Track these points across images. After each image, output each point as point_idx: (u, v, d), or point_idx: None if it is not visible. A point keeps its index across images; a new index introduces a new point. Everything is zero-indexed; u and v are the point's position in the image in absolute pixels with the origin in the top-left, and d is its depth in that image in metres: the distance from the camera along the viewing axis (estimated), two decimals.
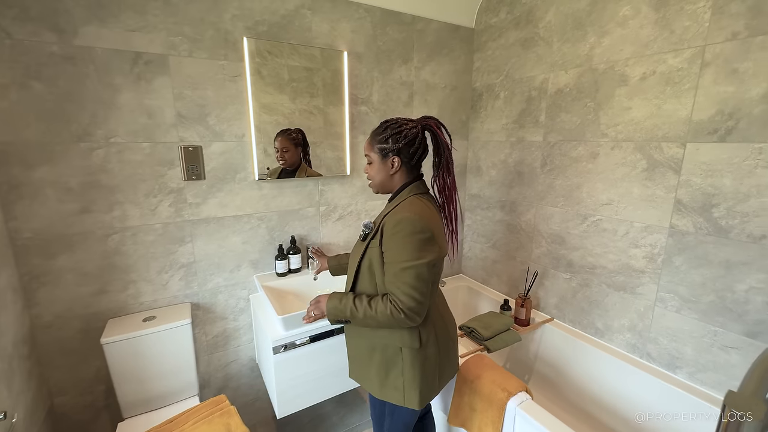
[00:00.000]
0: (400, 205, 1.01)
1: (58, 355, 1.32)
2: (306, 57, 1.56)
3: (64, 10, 1.14)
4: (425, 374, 1.04)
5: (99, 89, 1.22)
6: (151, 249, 1.41)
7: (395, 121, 1.03)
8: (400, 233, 0.94)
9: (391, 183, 1.07)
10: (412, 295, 0.93)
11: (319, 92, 1.63)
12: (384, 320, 0.95)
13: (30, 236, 1.21)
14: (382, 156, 1.03)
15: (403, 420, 1.13)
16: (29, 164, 1.17)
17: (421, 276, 0.93)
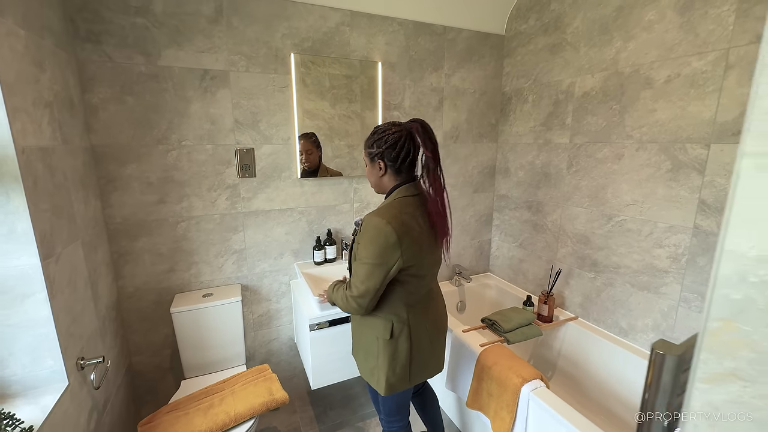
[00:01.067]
0: (379, 208, 1.07)
1: (136, 321, 1.60)
2: (345, 65, 1.74)
3: (151, 37, 1.40)
4: (393, 364, 1.11)
5: (175, 101, 1.48)
6: (211, 236, 1.65)
7: (381, 127, 1.08)
8: (366, 234, 1.02)
9: (382, 184, 1.12)
10: (359, 287, 1.03)
11: (357, 98, 1.80)
12: (342, 304, 1.10)
13: (120, 221, 1.49)
14: (370, 160, 1.10)
15: (392, 400, 1.22)
16: (121, 162, 1.45)
17: (372, 274, 1.01)
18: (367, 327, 1.14)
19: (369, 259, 1.01)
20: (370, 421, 1.83)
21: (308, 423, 1.82)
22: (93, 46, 1.33)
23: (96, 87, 1.36)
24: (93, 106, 1.37)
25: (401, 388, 1.15)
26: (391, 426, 1.28)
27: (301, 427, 1.79)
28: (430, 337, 1.17)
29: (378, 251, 1.00)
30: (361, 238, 1.04)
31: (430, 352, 1.18)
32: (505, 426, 1.36)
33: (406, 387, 1.16)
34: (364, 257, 1.02)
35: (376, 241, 1.00)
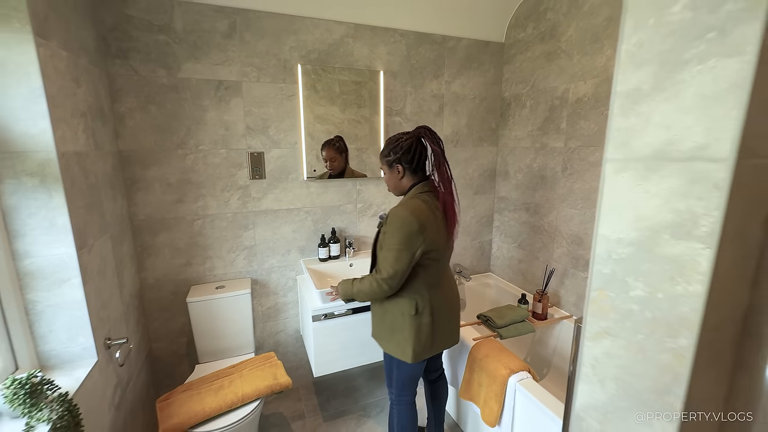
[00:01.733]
0: (401, 203, 1.24)
1: (156, 310, 1.74)
2: (355, 72, 1.85)
3: (172, 52, 1.55)
4: (419, 336, 1.26)
5: (192, 109, 1.63)
6: (224, 233, 1.79)
7: (394, 137, 1.27)
8: (393, 225, 1.18)
9: (401, 186, 1.29)
10: (389, 270, 1.17)
11: (366, 103, 1.91)
12: (369, 291, 1.23)
13: (143, 218, 1.64)
14: (388, 166, 1.27)
15: (407, 373, 1.35)
16: (145, 165, 1.60)
17: (399, 258, 1.16)
18: (393, 306, 1.28)
19: (396, 245, 1.17)
20: (370, 411, 1.93)
21: (312, 410, 1.94)
22: (121, 61, 1.49)
23: (123, 98, 1.52)
24: (121, 114, 1.53)
25: (425, 356, 1.30)
26: (401, 400, 1.41)
27: (305, 414, 1.91)
28: (447, 313, 1.34)
29: (404, 238, 1.16)
30: (388, 228, 1.19)
31: (447, 325, 1.34)
32: (493, 414, 1.44)
33: (429, 355, 1.31)
34: (392, 244, 1.17)
35: (402, 229, 1.16)
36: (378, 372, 2.24)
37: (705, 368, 0.35)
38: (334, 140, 1.88)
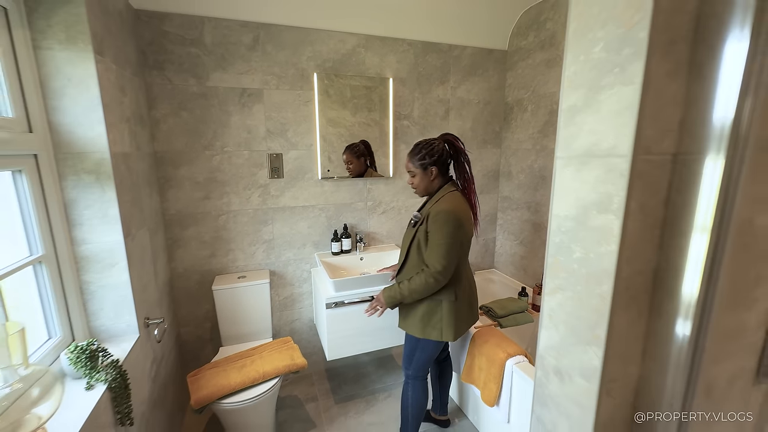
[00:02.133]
0: (440, 200, 1.36)
1: (184, 298, 1.91)
2: (366, 78, 2.00)
3: (202, 63, 1.72)
4: (458, 318, 1.43)
5: (219, 115, 1.79)
6: (245, 227, 1.95)
7: (425, 142, 1.40)
8: (440, 221, 1.31)
9: (431, 186, 1.43)
10: (441, 263, 1.31)
11: (376, 107, 2.06)
12: (422, 289, 1.36)
13: (173, 213, 1.81)
14: (423, 169, 1.40)
15: (429, 353, 1.51)
16: (176, 165, 1.77)
17: (450, 251, 1.31)
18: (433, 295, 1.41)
19: (445, 239, 1.31)
20: (378, 395, 2.06)
21: (324, 394, 2.08)
22: (158, 71, 1.66)
23: (159, 104, 1.69)
24: (156, 119, 1.70)
25: (461, 334, 1.47)
26: (418, 376, 1.56)
27: (318, 397, 2.05)
28: (474, 296, 1.53)
29: (451, 231, 1.31)
30: (433, 225, 1.32)
31: (475, 306, 1.53)
32: (492, 395, 1.56)
33: (463, 333, 1.48)
34: (440, 238, 1.31)
35: (449, 223, 1.30)
36: (386, 361, 2.37)
37: (623, 309, 0.47)
38: (354, 144, 2.02)
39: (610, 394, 0.50)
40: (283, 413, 1.93)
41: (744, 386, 0.64)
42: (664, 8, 0.39)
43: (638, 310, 0.49)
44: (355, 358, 2.36)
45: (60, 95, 1.12)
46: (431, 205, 1.39)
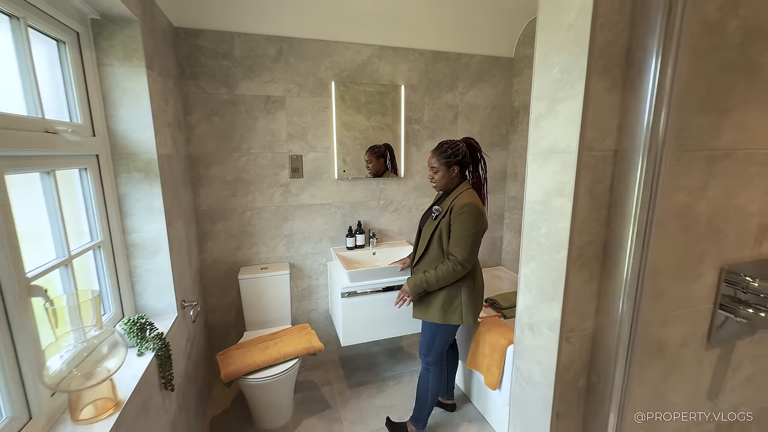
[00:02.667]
0: (461, 194, 1.50)
1: (212, 286, 2.09)
2: (379, 84, 2.15)
3: (231, 74, 1.91)
4: (476, 302, 1.59)
5: (246, 120, 1.97)
6: (268, 223, 2.12)
7: (450, 143, 1.54)
8: (464, 213, 1.45)
9: (451, 183, 1.56)
10: (466, 251, 1.46)
11: (389, 111, 2.21)
12: (448, 275, 1.49)
13: (204, 209, 2.00)
14: (447, 167, 1.52)
15: (446, 338, 1.64)
16: (207, 165, 1.96)
17: (474, 242, 1.47)
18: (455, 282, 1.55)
19: (469, 229, 1.45)
20: (389, 381, 2.19)
21: (339, 379, 2.22)
22: (193, 81, 1.86)
23: (194, 111, 1.88)
24: (191, 125, 1.89)
25: (477, 317, 1.63)
26: (438, 362, 1.67)
27: (333, 381, 2.20)
28: (482, 283, 1.66)
29: (475, 222, 1.45)
30: (457, 217, 1.46)
31: (483, 294, 1.67)
32: (494, 379, 1.67)
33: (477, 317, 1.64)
34: (464, 229, 1.45)
35: (473, 215, 1.45)
36: (396, 351, 2.50)
37: (577, 271, 0.60)
38: (377, 146, 2.18)
39: (569, 341, 0.63)
40: (301, 395, 2.08)
41: (696, 348, 0.76)
42: (599, 44, 0.53)
43: (590, 273, 0.62)
44: (366, 348, 2.50)
45: (117, 105, 1.31)
46: (451, 199, 1.52)
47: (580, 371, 0.66)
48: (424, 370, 1.71)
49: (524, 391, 0.71)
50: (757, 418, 0.90)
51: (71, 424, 0.92)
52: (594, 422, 0.68)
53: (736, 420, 0.86)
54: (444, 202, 1.57)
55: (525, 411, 0.72)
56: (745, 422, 0.88)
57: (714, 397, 0.82)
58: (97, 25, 1.24)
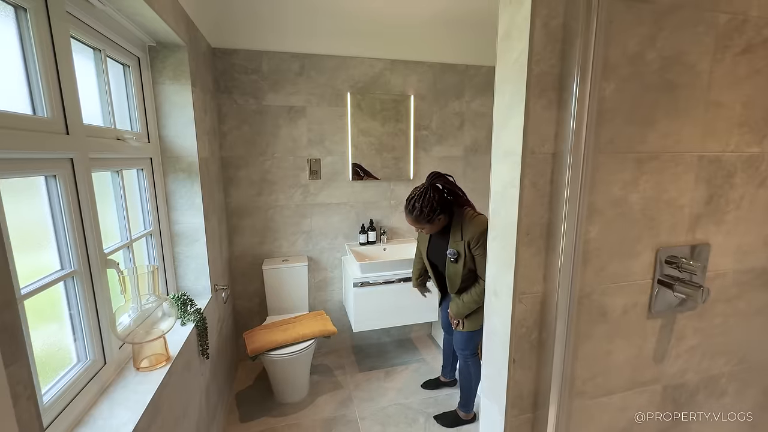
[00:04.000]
0: (465, 225, 1.52)
1: (239, 276, 2.34)
2: (391, 94, 2.36)
3: (259, 87, 2.16)
4: None
5: (271, 127, 2.22)
6: (288, 220, 2.36)
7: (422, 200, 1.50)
8: (482, 241, 1.48)
9: (441, 225, 1.59)
10: None
11: (403, 118, 2.41)
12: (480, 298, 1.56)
13: (234, 206, 2.25)
14: (430, 223, 1.55)
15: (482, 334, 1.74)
16: (237, 167, 2.22)
17: None
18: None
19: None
20: (397, 368, 2.37)
21: (351, 364, 2.42)
22: (227, 95, 2.12)
23: (227, 120, 2.14)
24: (223, 132, 2.16)
25: None
26: (475, 356, 1.80)
27: (345, 366, 2.40)
28: None
29: None
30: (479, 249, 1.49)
31: None
32: None
33: None
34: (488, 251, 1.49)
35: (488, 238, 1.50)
36: (405, 342, 2.68)
37: (525, 246, 0.78)
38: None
39: (521, 301, 0.81)
40: (316, 377, 2.29)
41: (638, 317, 0.92)
42: (535, 74, 0.71)
43: (537, 248, 0.79)
44: (377, 338, 2.69)
45: (167, 116, 1.57)
46: (459, 234, 1.55)
47: (531, 327, 0.83)
48: (463, 362, 1.83)
49: (492, 342, 0.89)
50: (706, 384, 1.04)
51: (134, 371, 1.15)
52: (544, 370, 0.85)
53: (684, 383, 1.00)
54: (453, 240, 1.58)
55: (492, 359, 0.89)
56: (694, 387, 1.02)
57: (659, 362, 0.97)
58: (153, 50, 1.51)
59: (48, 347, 0.94)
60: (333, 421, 1.91)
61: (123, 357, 1.19)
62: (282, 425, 1.87)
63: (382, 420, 1.92)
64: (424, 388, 2.16)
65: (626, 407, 0.97)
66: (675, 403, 1.02)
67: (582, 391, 0.91)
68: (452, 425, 1.88)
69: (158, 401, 1.07)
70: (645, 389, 0.97)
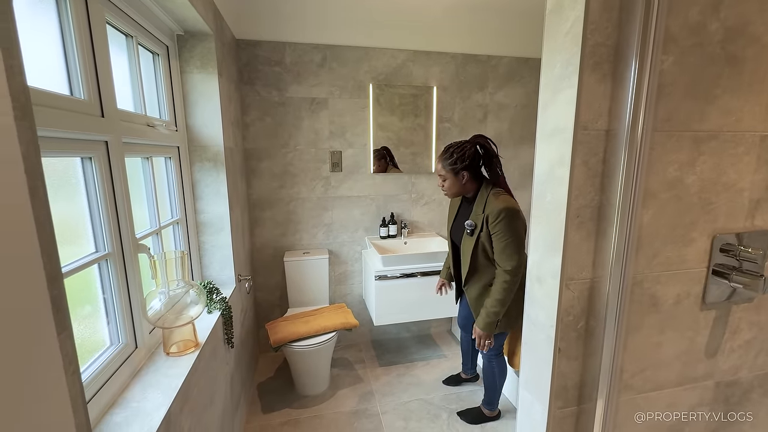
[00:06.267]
0: (490, 200, 1.39)
1: (260, 267, 2.35)
2: (413, 86, 2.33)
3: (282, 79, 2.15)
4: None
5: (293, 119, 2.22)
6: (309, 213, 2.35)
7: (456, 145, 1.42)
8: (503, 220, 1.35)
9: (464, 190, 1.47)
10: (515, 259, 1.37)
11: (421, 112, 2.38)
12: (506, 292, 1.40)
13: (256, 198, 2.26)
14: (454, 174, 1.45)
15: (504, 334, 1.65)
16: (259, 159, 2.22)
17: (520, 246, 1.37)
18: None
19: (513, 235, 1.35)
20: (417, 363, 2.34)
21: (370, 359, 2.40)
22: (250, 86, 2.12)
23: (250, 111, 2.15)
24: (246, 123, 2.16)
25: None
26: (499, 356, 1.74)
27: (365, 360, 2.38)
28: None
29: (517, 226, 1.37)
30: (498, 225, 1.36)
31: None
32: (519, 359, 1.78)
33: None
34: (507, 236, 1.34)
35: (513, 218, 1.36)
36: (425, 338, 2.64)
37: (575, 230, 0.74)
38: (379, 149, 2.36)
39: (569, 287, 0.76)
40: (336, 370, 2.28)
41: (691, 308, 0.87)
42: (590, 44, 0.67)
43: (587, 231, 0.75)
44: (397, 333, 2.66)
45: (194, 105, 1.57)
46: (481, 207, 1.43)
47: (579, 315, 0.79)
48: (487, 362, 1.76)
49: (532, 332, 0.85)
50: (761, 382, 0.97)
51: (164, 356, 1.15)
52: (591, 360, 0.80)
53: (738, 380, 0.94)
54: (474, 212, 1.48)
55: (533, 349, 0.86)
56: (748, 385, 0.96)
57: (712, 356, 0.91)
58: (182, 39, 1.51)
59: (83, 329, 0.94)
60: (355, 414, 1.89)
61: (153, 342, 1.19)
62: (304, 417, 1.87)
63: (404, 415, 1.90)
64: (445, 384, 2.12)
65: (675, 404, 0.92)
66: (727, 401, 0.96)
67: (629, 384, 0.86)
68: (476, 422, 1.84)
69: (188, 386, 1.07)
70: (696, 385, 0.92)
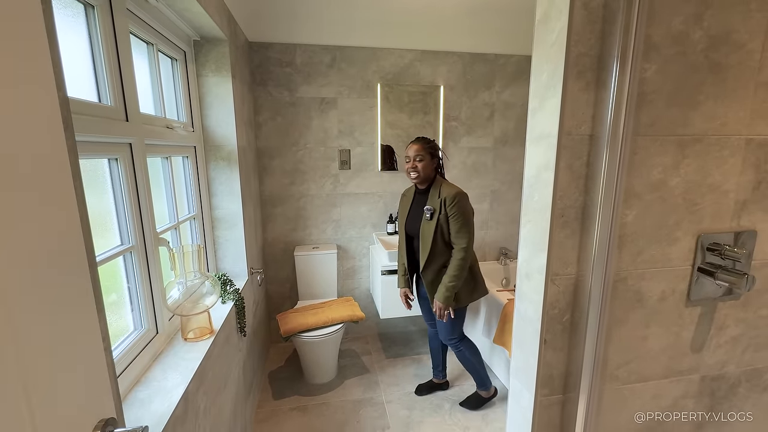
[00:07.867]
0: (443, 187, 1.67)
1: (271, 261, 2.44)
2: (420, 86, 2.37)
3: (293, 79, 2.23)
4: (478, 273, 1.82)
5: (303, 119, 2.29)
6: (319, 209, 2.43)
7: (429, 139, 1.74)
8: (459, 203, 1.62)
9: (431, 174, 1.71)
10: (468, 237, 1.64)
11: (430, 110, 2.42)
12: (461, 268, 1.64)
13: (267, 195, 2.35)
14: (431, 156, 1.70)
15: (463, 316, 1.84)
16: (271, 157, 2.30)
17: (472, 225, 1.66)
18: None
19: (466, 216, 1.63)
20: (422, 356, 2.41)
21: (377, 351, 2.48)
22: (262, 87, 2.20)
23: (262, 112, 2.23)
24: (259, 123, 2.25)
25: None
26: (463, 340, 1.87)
27: (372, 352, 2.46)
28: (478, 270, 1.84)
29: (469, 208, 1.66)
30: (454, 208, 1.62)
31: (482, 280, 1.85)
32: None
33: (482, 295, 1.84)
34: (461, 215, 1.62)
35: (466, 201, 1.65)
36: None
37: (559, 228, 0.79)
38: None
39: (554, 282, 0.81)
40: (344, 360, 2.36)
41: (676, 304, 0.90)
42: (573, 54, 0.71)
43: (571, 230, 0.80)
44: (403, 327, 2.73)
45: (209, 107, 1.66)
46: (437, 193, 1.67)
47: (564, 309, 0.84)
48: (456, 349, 1.87)
49: (522, 326, 0.91)
50: (749, 377, 1.01)
51: (182, 341, 1.25)
52: (575, 351, 0.85)
53: (724, 374, 0.98)
54: (431, 199, 1.69)
55: (523, 342, 0.91)
56: (735, 379, 0.99)
57: (698, 351, 0.95)
58: (198, 44, 1.60)
59: (110, 315, 1.04)
60: (360, 402, 1.98)
61: (172, 328, 1.29)
62: (312, 404, 1.96)
63: (408, 404, 1.97)
64: (417, 394, 2.06)
65: (660, 395, 0.96)
66: (713, 395, 1.00)
67: (615, 375, 0.91)
68: (478, 406, 1.93)
69: (204, 369, 1.16)
70: (681, 378, 0.96)
